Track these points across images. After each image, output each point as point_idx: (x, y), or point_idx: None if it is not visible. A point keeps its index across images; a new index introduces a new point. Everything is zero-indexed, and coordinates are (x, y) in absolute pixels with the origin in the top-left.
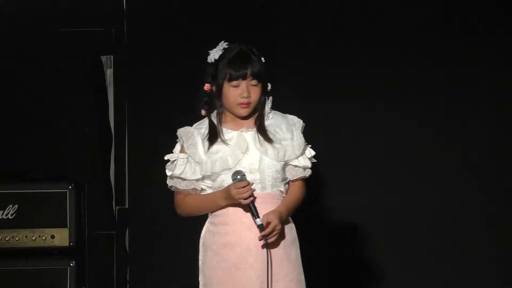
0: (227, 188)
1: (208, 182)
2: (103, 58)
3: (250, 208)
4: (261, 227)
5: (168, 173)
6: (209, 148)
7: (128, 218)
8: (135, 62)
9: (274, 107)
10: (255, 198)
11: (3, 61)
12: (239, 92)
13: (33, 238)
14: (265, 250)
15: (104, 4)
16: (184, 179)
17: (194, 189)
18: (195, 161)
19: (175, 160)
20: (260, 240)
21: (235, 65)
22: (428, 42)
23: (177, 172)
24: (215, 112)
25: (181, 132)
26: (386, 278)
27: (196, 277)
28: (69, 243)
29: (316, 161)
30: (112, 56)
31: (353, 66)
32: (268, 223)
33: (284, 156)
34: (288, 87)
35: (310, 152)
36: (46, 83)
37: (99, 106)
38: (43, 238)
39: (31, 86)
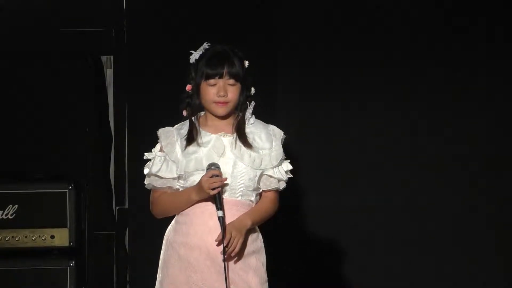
0: (199, 181)
1: (181, 182)
2: (103, 58)
3: (215, 198)
4: (220, 220)
5: (146, 171)
6: (186, 148)
7: (128, 218)
8: (135, 62)
9: (271, 108)
10: (223, 188)
11: (3, 61)
12: (216, 90)
13: (33, 238)
14: (228, 256)
15: (104, 4)
16: (160, 177)
17: (170, 187)
18: (171, 160)
19: (152, 158)
20: (216, 244)
21: (212, 64)
22: (428, 42)
23: (153, 170)
24: (197, 115)
25: (161, 131)
26: (386, 278)
27: None
28: (69, 243)
29: (292, 176)
30: (112, 56)
31: (353, 66)
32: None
33: (260, 164)
34: (288, 87)
35: (287, 166)
36: (46, 83)
37: (99, 106)
38: (43, 238)
39: (31, 86)
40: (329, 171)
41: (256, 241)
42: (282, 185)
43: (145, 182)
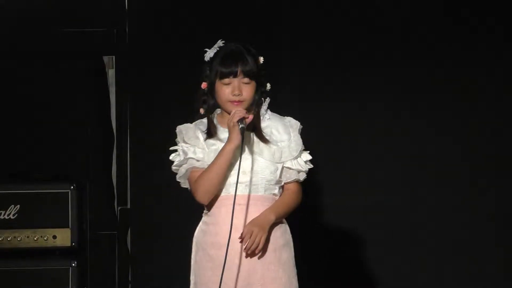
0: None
1: None
2: (105, 59)
3: (239, 122)
4: (242, 130)
5: (177, 163)
6: (206, 141)
7: (129, 219)
8: (136, 62)
9: (274, 108)
10: (247, 117)
11: (3, 61)
12: (230, 89)
13: (35, 239)
14: (252, 252)
15: (106, 4)
16: (197, 160)
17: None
18: (199, 148)
19: (180, 149)
20: (240, 241)
21: (226, 63)
22: (428, 42)
23: (190, 154)
24: (214, 113)
25: (181, 127)
26: (386, 278)
27: None
28: (71, 243)
29: (312, 166)
30: (114, 57)
31: (353, 66)
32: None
33: (281, 157)
34: (288, 87)
35: (306, 156)
36: (48, 84)
37: (101, 106)
38: (45, 239)
39: (33, 87)
40: (328, 171)
41: (285, 234)
42: (303, 176)
43: (181, 173)
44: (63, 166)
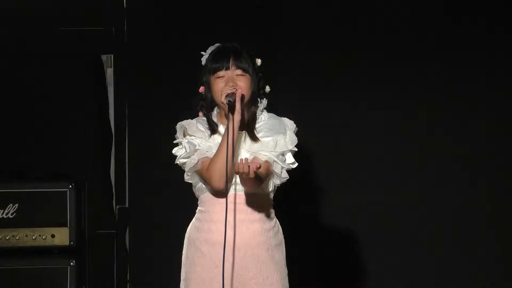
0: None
1: None
2: (104, 57)
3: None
4: (229, 103)
5: (182, 151)
6: (209, 137)
7: (128, 217)
8: (135, 61)
9: (273, 107)
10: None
11: (3, 61)
12: (224, 82)
13: (33, 237)
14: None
15: (105, 3)
16: (207, 151)
17: None
18: (204, 138)
19: (185, 143)
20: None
21: (217, 58)
22: (428, 42)
23: (198, 146)
24: (212, 114)
25: (183, 122)
26: (385, 278)
27: None
28: (69, 242)
29: (295, 166)
30: (112, 55)
31: (353, 66)
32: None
33: (275, 146)
34: (287, 87)
35: (290, 157)
36: (47, 83)
37: (99, 105)
38: (44, 237)
39: (31, 86)
40: (328, 171)
41: (278, 234)
42: (273, 162)
43: (191, 164)
44: (62, 165)
